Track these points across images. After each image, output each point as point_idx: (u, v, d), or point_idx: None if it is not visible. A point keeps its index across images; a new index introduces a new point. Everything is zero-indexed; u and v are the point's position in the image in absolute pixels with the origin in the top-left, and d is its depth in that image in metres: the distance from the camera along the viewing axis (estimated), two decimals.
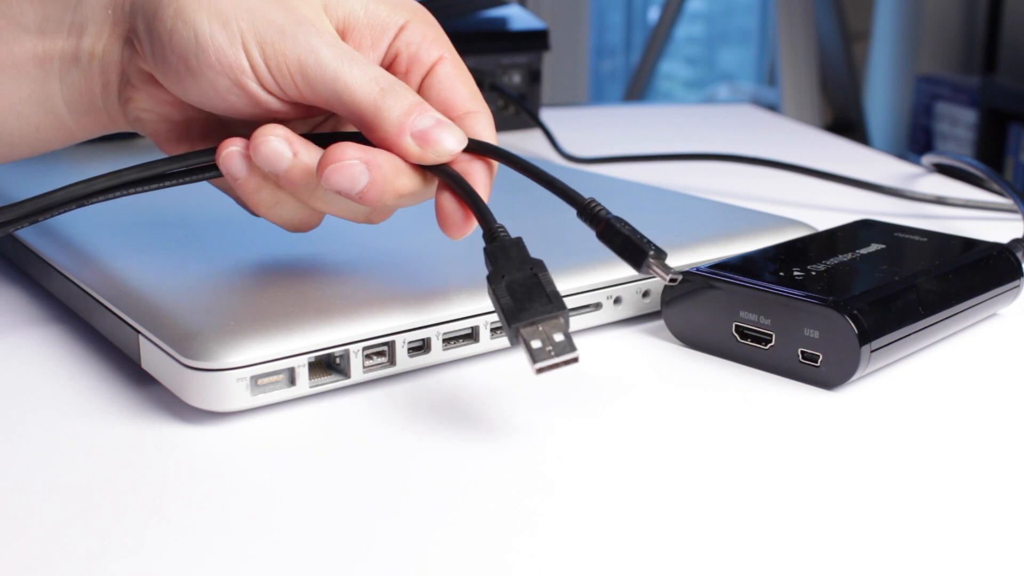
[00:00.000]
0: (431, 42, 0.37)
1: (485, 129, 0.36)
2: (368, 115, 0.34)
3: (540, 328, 0.31)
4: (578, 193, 0.34)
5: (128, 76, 0.37)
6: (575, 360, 0.31)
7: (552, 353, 0.30)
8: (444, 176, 0.35)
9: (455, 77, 0.37)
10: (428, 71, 0.37)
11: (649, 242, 0.33)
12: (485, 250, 0.33)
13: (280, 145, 0.34)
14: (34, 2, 0.37)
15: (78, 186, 0.35)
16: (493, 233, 0.33)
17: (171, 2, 0.35)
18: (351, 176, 0.34)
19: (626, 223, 0.34)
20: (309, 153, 0.35)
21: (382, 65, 0.38)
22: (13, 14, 0.37)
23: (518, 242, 0.33)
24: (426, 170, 0.35)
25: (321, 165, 0.34)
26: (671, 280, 0.33)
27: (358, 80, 0.34)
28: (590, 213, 0.34)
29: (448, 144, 0.34)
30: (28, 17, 0.37)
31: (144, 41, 0.35)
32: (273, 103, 0.35)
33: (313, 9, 0.36)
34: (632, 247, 0.33)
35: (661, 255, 0.33)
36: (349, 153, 0.34)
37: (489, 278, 0.32)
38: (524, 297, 0.31)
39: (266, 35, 0.34)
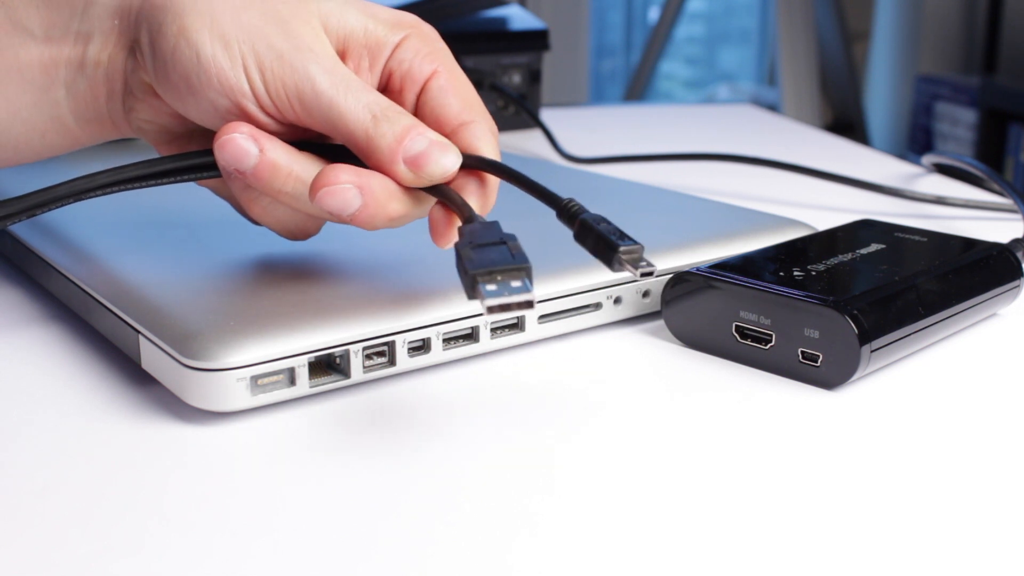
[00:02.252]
0: (424, 58, 0.37)
1: (481, 138, 0.36)
2: (361, 144, 0.35)
3: (498, 276, 0.30)
4: (557, 195, 0.34)
5: (131, 86, 0.37)
6: (529, 304, 0.30)
7: (504, 294, 0.30)
8: (434, 192, 0.35)
9: (447, 90, 0.37)
10: (421, 88, 0.37)
11: (622, 237, 0.32)
12: (459, 229, 0.33)
13: (246, 143, 0.34)
14: (40, 8, 0.37)
15: (81, 181, 0.35)
16: (470, 218, 0.33)
17: (175, 19, 0.34)
18: (344, 200, 0.34)
19: (604, 221, 0.33)
20: (275, 148, 0.35)
21: (379, 85, 0.38)
22: (19, 18, 0.37)
23: (494, 223, 0.33)
24: (419, 193, 0.35)
25: (314, 187, 0.34)
26: (641, 275, 0.32)
27: (351, 108, 0.34)
28: (568, 213, 0.33)
29: (439, 169, 0.34)
30: (34, 23, 0.37)
31: (147, 55, 0.35)
32: (272, 125, 0.35)
33: (313, 31, 0.36)
34: (603, 245, 0.32)
35: (633, 251, 0.32)
36: (343, 177, 0.34)
37: (456, 245, 0.32)
38: (487, 255, 0.31)
39: (266, 60, 0.34)
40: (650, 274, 0.32)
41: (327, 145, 0.37)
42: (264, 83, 0.34)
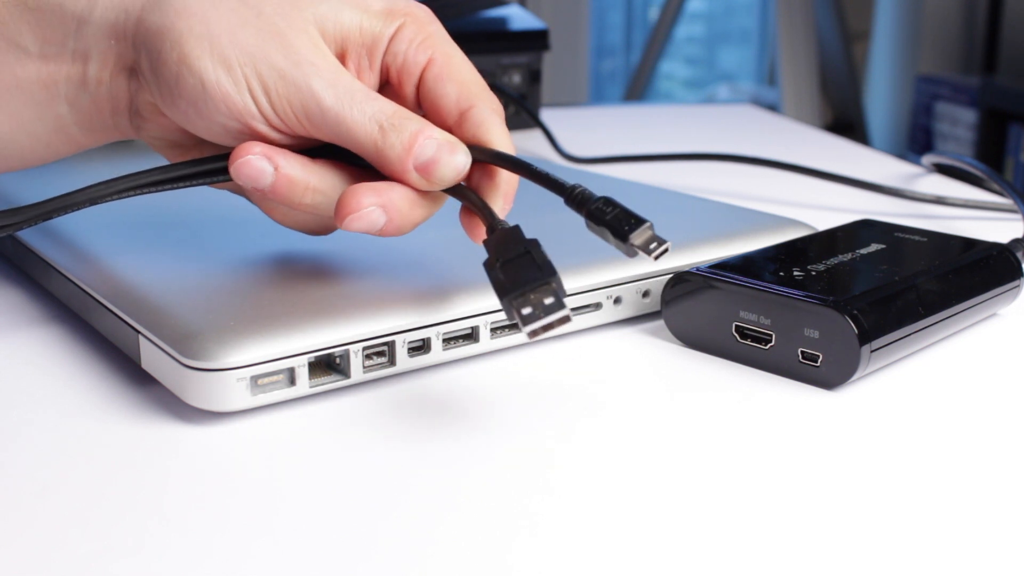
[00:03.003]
0: (418, 47, 0.37)
1: (483, 123, 0.36)
2: (372, 156, 0.35)
3: (531, 296, 0.31)
4: (564, 183, 0.35)
5: (137, 106, 0.36)
6: (566, 319, 0.31)
7: (541, 315, 0.31)
8: (455, 195, 0.36)
9: (442, 79, 0.37)
10: (419, 80, 0.37)
11: (630, 221, 0.33)
12: (484, 242, 0.34)
13: (261, 163, 0.34)
14: (31, 24, 0.36)
15: (98, 187, 0.36)
16: (492, 226, 0.34)
17: (173, 47, 0.34)
18: (369, 221, 0.34)
19: (611, 205, 0.33)
20: (290, 164, 0.35)
21: (380, 82, 0.38)
22: (11, 35, 0.36)
23: (514, 229, 0.33)
24: (439, 192, 0.36)
25: (339, 214, 0.34)
26: (655, 259, 0.33)
27: (358, 122, 0.34)
28: (576, 201, 0.34)
29: (450, 172, 0.35)
30: (27, 39, 0.36)
31: (150, 82, 0.35)
32: (284, 140, 0.35)
33: (311, 41, 0.35)
34: (614, 235, 0.33)
35: (643, 234, 0.33)
36: (364, 201, 0.34)
37: (485, 264, 0.33)
38: (516, 272, 0.32)
39: (269, 81, 0.34)
40: (665, 252, 0.32)
41: (343, 148, 0.37)
42: (271, 104, 0.34)
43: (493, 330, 0.38)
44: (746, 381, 0.37)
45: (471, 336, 0.37)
